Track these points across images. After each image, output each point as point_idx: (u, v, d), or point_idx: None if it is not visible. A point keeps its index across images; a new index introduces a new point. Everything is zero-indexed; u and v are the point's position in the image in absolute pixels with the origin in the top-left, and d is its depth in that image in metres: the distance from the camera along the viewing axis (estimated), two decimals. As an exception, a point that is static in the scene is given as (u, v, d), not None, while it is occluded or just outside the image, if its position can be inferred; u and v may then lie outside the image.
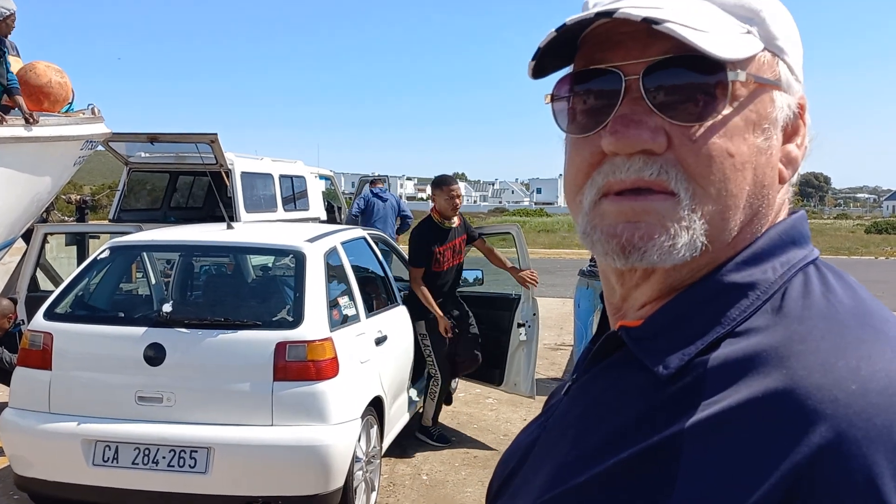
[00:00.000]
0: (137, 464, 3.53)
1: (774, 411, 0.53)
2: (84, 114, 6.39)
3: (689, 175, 0.60)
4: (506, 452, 0.77)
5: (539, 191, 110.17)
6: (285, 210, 9.76)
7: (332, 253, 4.24)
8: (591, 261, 6.62)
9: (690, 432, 0.55)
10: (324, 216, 11.01)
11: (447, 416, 5.76)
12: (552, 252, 23.56)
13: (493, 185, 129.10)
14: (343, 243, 4.49)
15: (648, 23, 0.57)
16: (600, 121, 0.62)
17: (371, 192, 9.91)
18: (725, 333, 0.60)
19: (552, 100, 0.67)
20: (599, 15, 0.60)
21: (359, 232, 5.06)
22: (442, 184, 5.09)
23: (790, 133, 0.67)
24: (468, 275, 5.49)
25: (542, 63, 0.66)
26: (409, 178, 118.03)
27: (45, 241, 5.61)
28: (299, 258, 3.99)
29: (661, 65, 0.60)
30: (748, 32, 0.63)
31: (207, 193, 10.25)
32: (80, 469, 3.57)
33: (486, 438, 5.29)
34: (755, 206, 0.63)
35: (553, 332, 9.41)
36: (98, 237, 7.77)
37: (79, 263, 6.87)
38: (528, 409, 5.91)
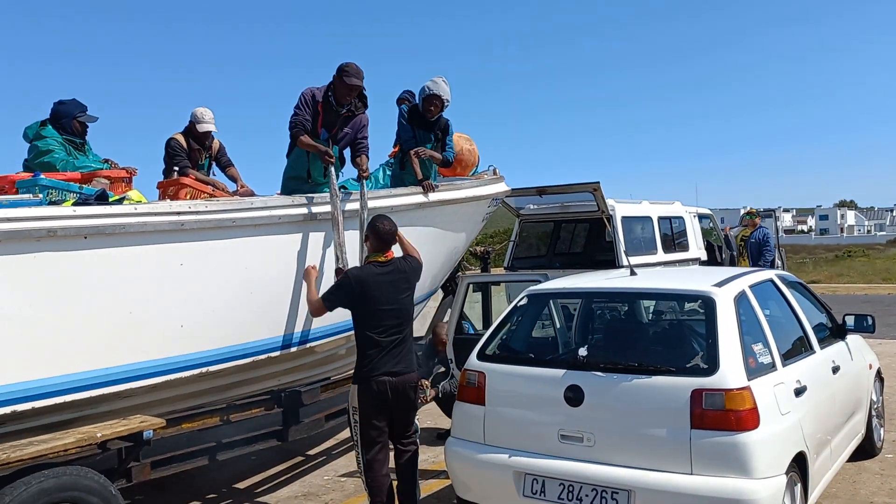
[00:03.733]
0: (563, 499, 3.76)
1: None
2: (487, 175, 7.19)
3: None
4: None
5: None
6: (665, 252, 9.70)
7: (741, 297, 4.07)
8: None
9: None
10: (704, 256, 10.68)
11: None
12: None
13: (892, 211, 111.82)
14: (751, 286, 4.29)
15: None
16: None
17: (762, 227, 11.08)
18: None
19: None
20: None
21: (766, 274, 4.78)
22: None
23: None
24: None
25: None
26: (785, 210, 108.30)
27: (468, 289, 6.47)
28: (709, 303, 3.92)
29: None
30: None
31: (587, 239, 10.70)
32: (511, 498, 3.93)
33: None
34: None
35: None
36: (498, 284, 8.68)
37: (484, 308, 7.74)
38: None
